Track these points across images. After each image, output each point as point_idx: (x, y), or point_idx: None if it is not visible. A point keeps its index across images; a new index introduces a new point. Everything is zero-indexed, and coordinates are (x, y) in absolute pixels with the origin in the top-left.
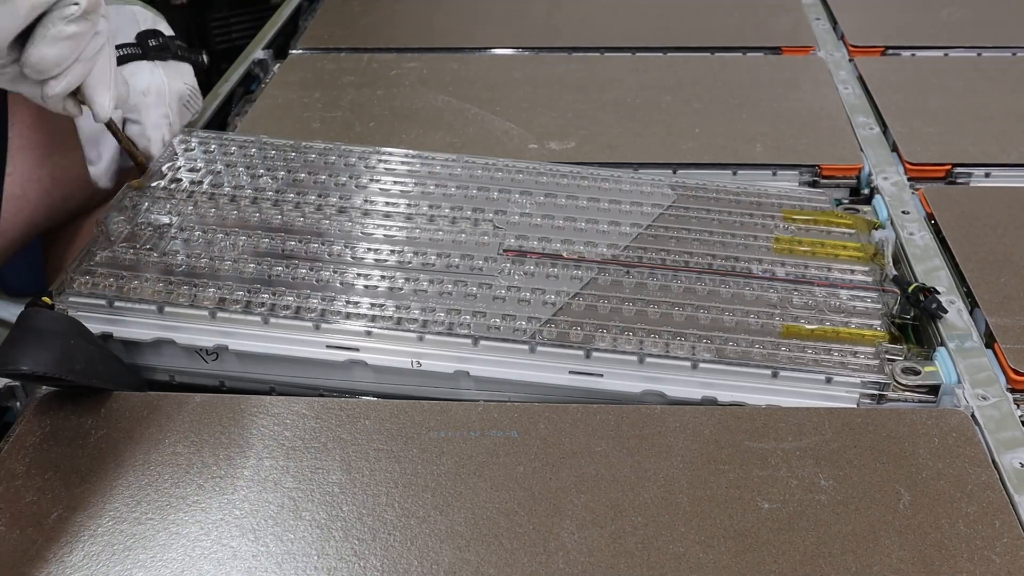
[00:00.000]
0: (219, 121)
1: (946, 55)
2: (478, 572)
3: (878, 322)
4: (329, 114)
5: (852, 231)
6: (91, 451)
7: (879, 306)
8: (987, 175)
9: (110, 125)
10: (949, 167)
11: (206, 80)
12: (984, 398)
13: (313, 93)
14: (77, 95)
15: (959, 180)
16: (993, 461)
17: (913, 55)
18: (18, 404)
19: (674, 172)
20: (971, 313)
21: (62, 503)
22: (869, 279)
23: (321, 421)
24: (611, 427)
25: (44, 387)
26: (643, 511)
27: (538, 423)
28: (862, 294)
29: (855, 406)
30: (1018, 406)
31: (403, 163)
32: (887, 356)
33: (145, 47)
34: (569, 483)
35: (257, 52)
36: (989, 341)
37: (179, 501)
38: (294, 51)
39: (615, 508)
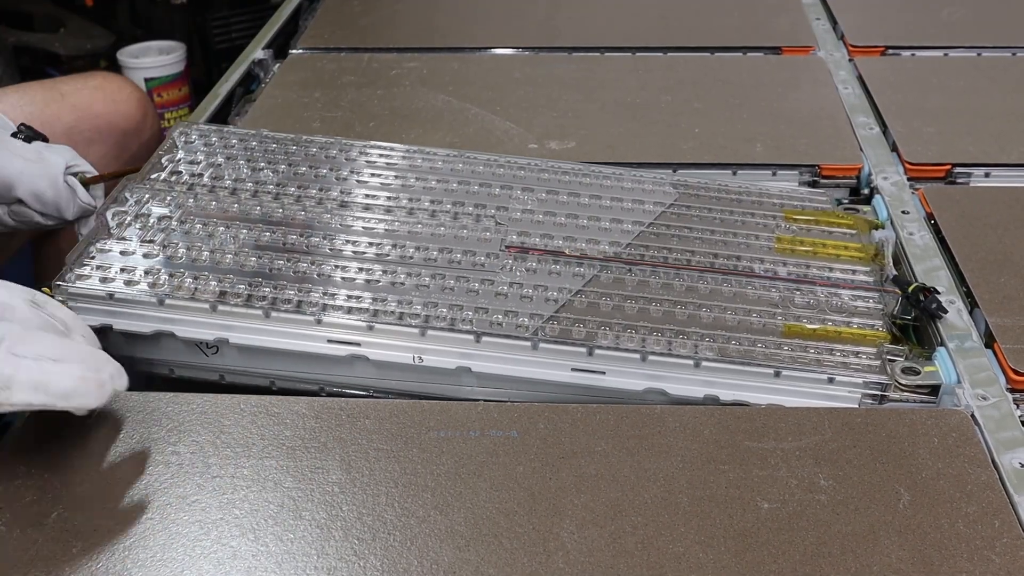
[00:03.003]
0: (219, 121)
1: (946, 55)
2: (478, 572)
3: (879, 322)
4: (329, 114)
5: (853, 231)
6: (91, 451)
7: (880, 306)
8: (987, 175)
9: None
10: (949, 167)
11: (206, 80)
12: (984, 398)
13: (313, 93)
14: None
15: (959, 180)
16: (993, 461)
17: (913, 55)
18: None
19: (674, 172)
20: (971, 313)
21: (62, 503)
22: (870, 280)
23: (321, 421)
24: (611, 427)
25: None
26: (643, 511)
27: (538, 423)
28: (864, 294)
29: (857, 406)
30: (1018, 406)
31: (405, 158)
32: (888, 356)
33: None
34: (569, 483)
35: (257, 52)
36: (989, 341)
37: (179, 501)
38: (294, 51)
39: (615, 508)
